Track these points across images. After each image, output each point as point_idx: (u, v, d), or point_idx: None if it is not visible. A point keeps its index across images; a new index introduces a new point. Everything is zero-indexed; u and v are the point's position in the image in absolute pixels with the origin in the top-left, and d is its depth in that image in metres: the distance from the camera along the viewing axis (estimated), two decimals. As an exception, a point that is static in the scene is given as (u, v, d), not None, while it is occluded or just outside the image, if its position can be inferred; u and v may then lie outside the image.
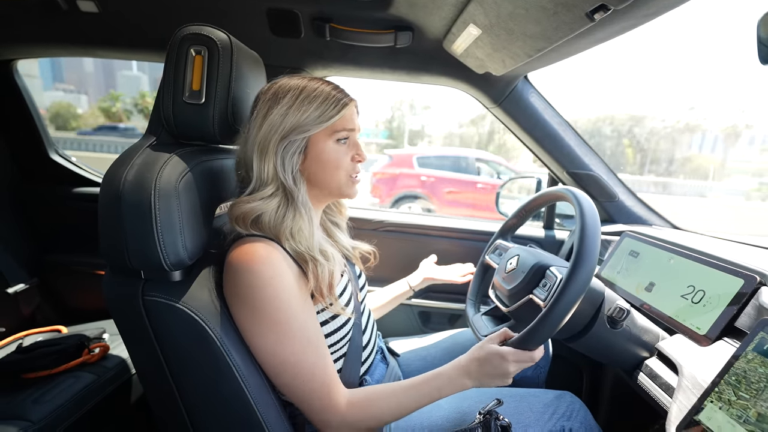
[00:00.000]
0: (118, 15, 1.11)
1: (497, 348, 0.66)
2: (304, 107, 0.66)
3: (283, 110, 0.65)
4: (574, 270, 0.62)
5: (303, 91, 0.67)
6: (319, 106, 0.66)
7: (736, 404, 0.54)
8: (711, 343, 0.69)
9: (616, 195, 1.21)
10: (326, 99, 0.67)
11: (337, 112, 0.68)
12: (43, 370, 0.99)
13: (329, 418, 0.64)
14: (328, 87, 0.68)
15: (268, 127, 0.66)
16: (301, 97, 0.66)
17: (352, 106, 0.71)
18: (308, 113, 0.66)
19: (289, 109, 0.65)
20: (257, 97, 0.70)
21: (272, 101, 0.66)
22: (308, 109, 0.66)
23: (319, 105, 0.66)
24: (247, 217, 0.66)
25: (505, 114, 1.19)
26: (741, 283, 0.70)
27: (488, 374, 0.66)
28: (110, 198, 0.59)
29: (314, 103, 0.66)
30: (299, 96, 0.66)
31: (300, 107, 0.66)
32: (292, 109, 0.65)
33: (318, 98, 0.66)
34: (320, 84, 0.68)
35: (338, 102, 0.68)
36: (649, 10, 0.57)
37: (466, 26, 0.86)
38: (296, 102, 0.66)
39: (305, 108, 0.66)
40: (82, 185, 1.51)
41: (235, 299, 0.64)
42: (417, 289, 1.12)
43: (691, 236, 1.02)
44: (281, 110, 0.65)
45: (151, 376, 0.68)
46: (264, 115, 0.66)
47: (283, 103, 0.66)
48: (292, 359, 0.63)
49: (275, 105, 0.66)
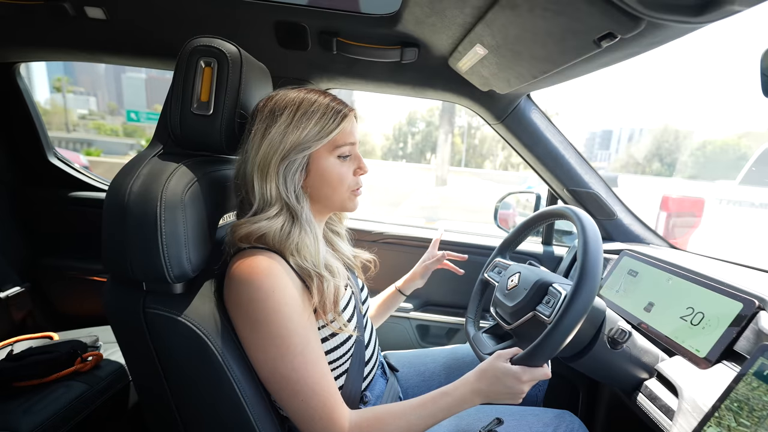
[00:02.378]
0: (126, 23, 1.12)
1: (510, 368, 0.66)
2: (303, 123, 0.64)
3: (281, 129, 0.64)
4: (579, 286, 0.63)
5: (300, 106, 0.65)
6: (318, 121, 0.65)
7: (735, 430, 0.55)
8: (710, 366, 0.69)
9: (614, 213, 1.23)
10: (325, 113, 0.66)
11: (337, 125, 0.66)
12: (34, 378, 0.97)
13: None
14: (325, 99, 0.67)
15: (267, 147, 0.64)
16: (299, 113, 0.65)
17: (351, 116, 0.69)
18: (307, 129, 0.64)
19: (288, 126, 0.64)
20: (253, 113, 0.68)
21: (269, 119, 0.65)
22: (307, 125, 0.64)
23: (318, 120, 0.65)
24: (251, 236, 0.65)
25: (507, 131, 1.21)
26: (740, 307, 0.71)
27: (500, 393, 0.66)
28: (116, 208, 0.59)
29: (313, 118, 0.65)
30: (297, 111, 0.65)
31: (299, 124, 0.64)
32: (291, 127, 0.64)
33: (317, 113, 0.65)
34: (317, 96, 0.67)
35: (337, 114, 0.66)
36: (654, 39, 0.58)
37: (473, 46, 0.88)
38: (294, 119, 0.64)
39: (304, 124, 0.64)
40: (80, 189, 1.49)
41: (236, 312, 0.63)
42: (405, 289, 1.06)
43: (689, 256, 1.04)
44: (279, 128, 0.64)
45: (149, 388, 0.67)
46: (262, 134, 0.65)
47: (281, 121, 0.64)
48: (293, 376, 0.61)
49: (273, 123, 0.64)
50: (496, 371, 0.66)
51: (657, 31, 0.56)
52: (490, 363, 0.68)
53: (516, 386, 0.65)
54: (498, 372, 0.66)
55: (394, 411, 0.66)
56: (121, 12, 1.09)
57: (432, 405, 0.66)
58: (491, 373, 0.67)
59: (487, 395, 0.66)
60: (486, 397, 0.66)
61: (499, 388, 0.66)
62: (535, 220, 0.93)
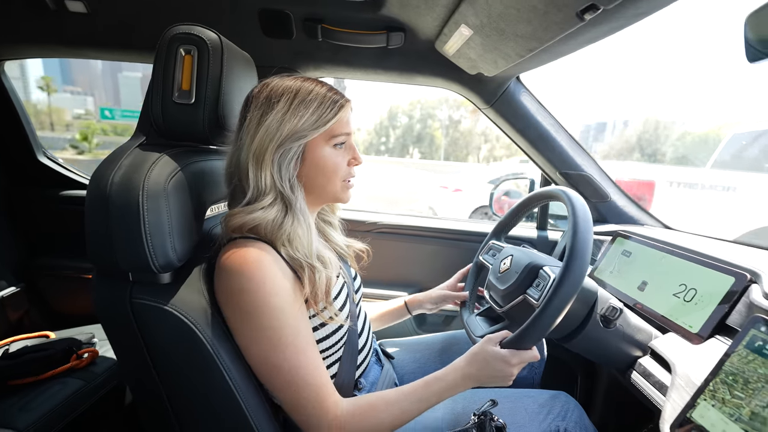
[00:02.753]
0: (108, 15, 1.10)
1: (498, 351, 0.66)
2: (300, 112, 0.63)
3: (278, 116, 0.63)
4: (566, 269, 0.62)
5: (298, 94, 0.64)
6: (316, 110, 0.64)
7: (730, 403, 0.54)
8: (703, 341, 0.69)
9: (608, 195, 1.22)
10: (322, 102, 0.65)
11: (334, 115, 0.66)
12: (29, 376, 0.97)
13: (324, 427, 0.62)
14: (322, 89, 0.66)
15: (264, 134, 0.63)
16: (297, 100, 0.63)
17: (348, 107, 0.68)
18: (305, 118, 0.63)
19: (285, 114, 0.63)
20: (248, 99, 0.67)
21: (266, 105, 0.64)
22: (305, 114, 0.63)
23: (315, 109, 0.64)
24: (245, 227, 0.64)
25: (498, 115, 1.20)
26: (732, 281, 0.71)
27: (490, 376, 0.66)
28: (97, 199, 0.58)
29: (310, 107, 0.64)
30: (294, 99, 0.63)
31: (296, 112, 0.63)
32: (288, 115, 0.63)
33: (314, 101, 0.64)
34: (314, 85, 0.66)
35: (334, 104, 0.66)
36: (638, 10, 0.57)
37: (458, 27, 0.87)
38: (292, 106, 0.63)
39: (302, 113, 0.63)
40: (71, 188, 1.48)
41: (226, 303, 0.62)
42: (413, 308, 1.03)
43: (683, 236, 1.03)
44: (276, 116, 0.63)
45: (139, 380, 0.66)
46: (258, 121, 0.63)
47: (278, 108, 0.63)
48: (284, 366, 0.61)
49: (270, 110, 0.63)
50: (485, 355, 0.67)
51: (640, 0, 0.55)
52: (480, 347, 0.68)
53: (505, 369, 0.65)
54: (487, 356, 0.66)
55: (388, 398, 0.66)
56: (103, 5, 1.07)
57: (424, 390, 0.66)
58: (481, 357, 0.67)
59: (477, 379, 0.67)
60: (477, 381, 0.67)
61: (489, 372, 0.66)
62: (529, 202, 0.93)
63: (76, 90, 34.30)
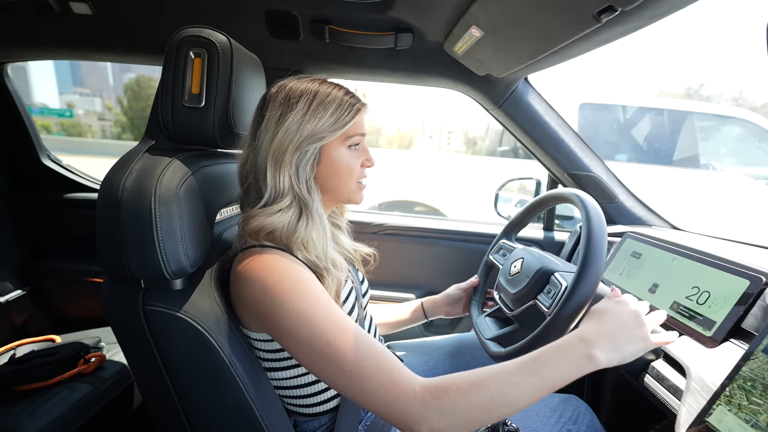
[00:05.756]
0: (113, 17, 1.09)
1: (627, 300, 0.61)
2: (319, 113, 0.63)
3: (298, 117, 0.62)
4: (579, 278, 0.62)
5: (317, 96, 0.64)
6: (334, 112, 0.64)
7: (746, 408, 0.54)
8: (717, 345, 0.69)
9: (616, 196, 1.21)
10: (340, 105, 0.65)
11: (351, 118, 0.66)
12: (37, 381, 0.97)
13: (405, 407, 0.52)
14: (340, 92, 0.66)
15: (284, 135, 0.62)
16: (316, 102, 0.63)
17: (364, 111, 0.69)
18: (324, 120, 0.63)
19: (305, 115, 0.63)
20: (265, 99, 0.66)
21: (284, 105, 0.63)
22: (324, 115, 0.63)
23: (334, 111, 0.64)
24: (262, 232, 0.63)
25: (506, 116, 1.19)
26: (747, 284, 0.70)
27: (622, 329, 0.58)
28: (109, 205, 0.58)
29: (329, 109, 0.64)
30: (313, 101, 0.63)
31: (315, 113, 0.63)
32: (308, 116, 0.63)
33: (332, 104, 0.64)
34: (332, 89, 0.66)
35: (352, 107, 0.66)
36: (656, 11, 0.57)
37: (468, 28, 0.86)
38: (311, 108, 0.63)
39: (321, 114, 0.63)
40: (75, 190, 1.48)
41: (248, 309, 0.61)
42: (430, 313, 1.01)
43: (693, 237, 1.03)
44: (296, 117, 0.62)
45: (152, 387, 0.66)
46: (277, 121, 0.63)
47: (297, 109, 0.63)
48: (329, 349, 0.54)
49: (289, 111, 0.63)
50: (609, 304, 0.61)
51: (659, 2, 0.55)
52: (599, 304, 0.62)
53: (641, 319, 0.59)
54: (611, 306, 0.60)
55: (490, 372, 0.55)
56: (107, 7, 1.06)
57: (532, 363, 0.56)
58: (603, 308, 0.61)
59: (601, 334, 0.57)
60: (601, 338, 0.56)
61: (617, 323, 0.58)
62: (543, 202, 0.92)
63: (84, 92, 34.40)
